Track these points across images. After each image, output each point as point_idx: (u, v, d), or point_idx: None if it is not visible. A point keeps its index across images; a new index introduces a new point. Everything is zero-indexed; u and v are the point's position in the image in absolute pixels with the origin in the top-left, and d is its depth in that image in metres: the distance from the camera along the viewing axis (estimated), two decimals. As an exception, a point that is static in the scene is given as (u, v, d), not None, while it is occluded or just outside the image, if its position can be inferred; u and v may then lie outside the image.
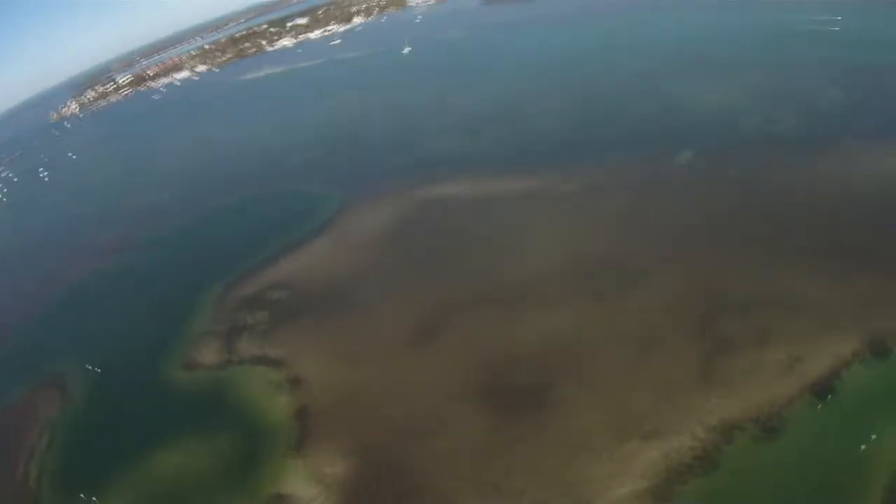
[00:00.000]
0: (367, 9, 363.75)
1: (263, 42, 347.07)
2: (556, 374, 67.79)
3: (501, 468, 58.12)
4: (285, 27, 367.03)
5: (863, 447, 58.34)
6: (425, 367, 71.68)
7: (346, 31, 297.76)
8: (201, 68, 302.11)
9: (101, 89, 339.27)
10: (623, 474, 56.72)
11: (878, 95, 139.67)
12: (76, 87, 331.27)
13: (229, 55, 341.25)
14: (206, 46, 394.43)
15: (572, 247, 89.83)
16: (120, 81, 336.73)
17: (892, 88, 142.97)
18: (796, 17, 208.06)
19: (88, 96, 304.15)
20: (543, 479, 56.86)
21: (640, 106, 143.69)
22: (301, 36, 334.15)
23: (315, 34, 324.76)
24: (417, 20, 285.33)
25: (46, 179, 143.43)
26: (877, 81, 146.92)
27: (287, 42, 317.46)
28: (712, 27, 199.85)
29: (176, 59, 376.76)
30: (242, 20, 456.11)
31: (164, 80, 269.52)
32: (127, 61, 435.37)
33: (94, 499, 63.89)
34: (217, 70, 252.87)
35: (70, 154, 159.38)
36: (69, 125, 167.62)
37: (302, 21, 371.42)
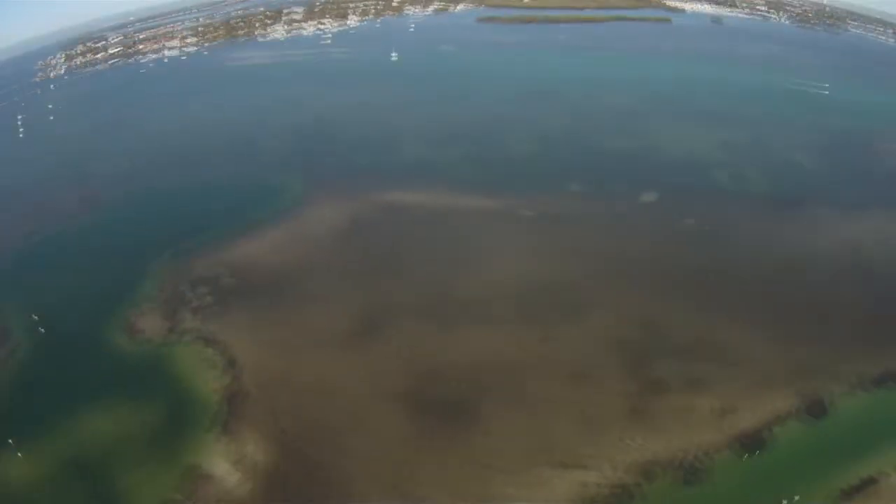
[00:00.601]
0: (363, 9, 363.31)
1: (256, 28, 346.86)
2: (482, 391, 67.45)
3: (409, 474, 57.86)
4: (281, 15, 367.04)
5: (796, 498, 58.51)
6: (356, 366, 71.37)
7: (338, 29, 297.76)
8: (191, 45, 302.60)
9: (91, 45, 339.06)
10: (527, 499, 56.29)
11: (851, 164, 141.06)
12: (67, 43, 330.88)
13: (220, 34, 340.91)
14: (200, 21, 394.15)
15: (521, 271, 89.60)
16: (111, 40, 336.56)
17: (866, 159, 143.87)
18: (788, 77, 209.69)
19: (77, 59, 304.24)
20: (447, 491, 56.57)
21: (614, 142, 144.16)
22: (294, 28, 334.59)
23: (308, 28, 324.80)
24: (411, 28, 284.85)
25: (21, 135, 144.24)
26: (853, 150, 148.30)
27: (279, 33, 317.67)
28: (704, 78, 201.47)
29: (169, 29, 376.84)
30: (240, 1, 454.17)
31: (153, 55, 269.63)
32: (122, 20, 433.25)
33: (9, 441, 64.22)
34: (206, 52, 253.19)
35: (49, 115, 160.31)
36: (53, 86, 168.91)
37: (298, 11, 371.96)
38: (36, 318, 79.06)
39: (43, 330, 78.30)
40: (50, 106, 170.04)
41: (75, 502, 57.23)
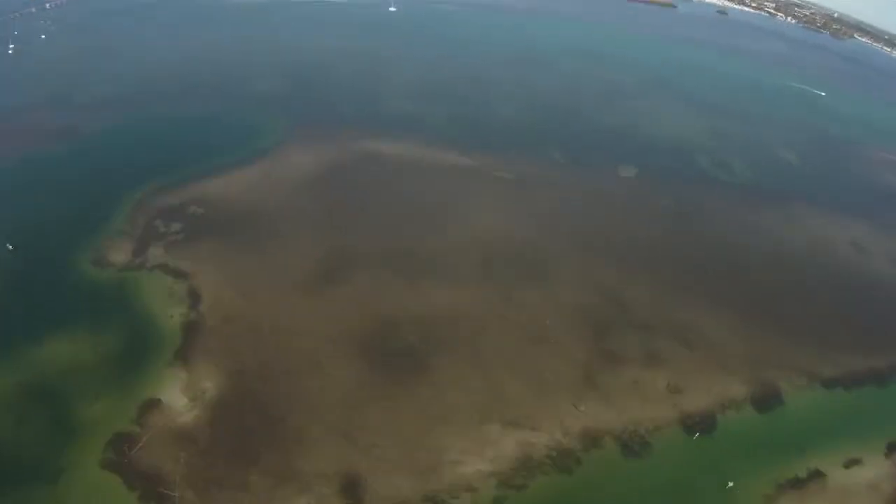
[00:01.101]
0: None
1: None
2: (440, 345, 67.77)
3: (359, 420, 58.08)
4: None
5: (730, 484, 59.75)
6: (318, 309, 71.35)
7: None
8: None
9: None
10: (474, 453, 56.98)
11: (835, 167, 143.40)
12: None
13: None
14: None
15: (491, 231, 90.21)
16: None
17: (850, 164, 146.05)
18: (787, 76, 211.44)
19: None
20: (396, 440, 56.93)
21: (604, 116, 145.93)
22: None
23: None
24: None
25: (10, 53, 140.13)
26: (839, 154, 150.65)
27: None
28: (701, 66, 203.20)
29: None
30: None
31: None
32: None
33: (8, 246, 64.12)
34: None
35: (42, 35, 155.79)
36: (49, 6, 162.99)
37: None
38: (10, 247, 77.60)
39: (11, 247, 76.81)
40: (43, 23, 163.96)
41: (33, 430, 56.18)
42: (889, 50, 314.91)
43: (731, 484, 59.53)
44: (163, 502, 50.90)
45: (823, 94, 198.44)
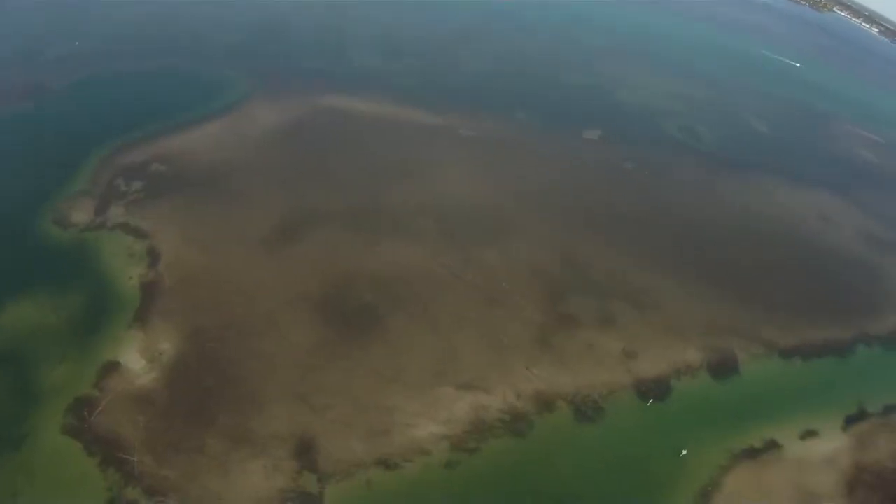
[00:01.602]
0: None
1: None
2: (396, 305, 68.42)
3: (315, 381, 58.80)
4: None
5: (683, 452, 60.88)
6: (276, 268, 71.68)
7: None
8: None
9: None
10: (428, 416, 57.76)
11: (803, 138, 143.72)
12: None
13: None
14: None
15: (452, 190, 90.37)
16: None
17: (819, 136, 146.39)
18: (762, 45, 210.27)
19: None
20: (350, 402, 57.72)
21: (573, 78, 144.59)
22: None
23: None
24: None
25: None
26: (808, 125, 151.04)
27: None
28: (679, 34, 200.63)
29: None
30: None
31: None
32: None
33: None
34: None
35: None
36: None
37: None
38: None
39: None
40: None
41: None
42: (868, 26, 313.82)
43: (684, 452, 60.60)
44: (122, 467, 51.29)
45: (798, 65, 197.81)
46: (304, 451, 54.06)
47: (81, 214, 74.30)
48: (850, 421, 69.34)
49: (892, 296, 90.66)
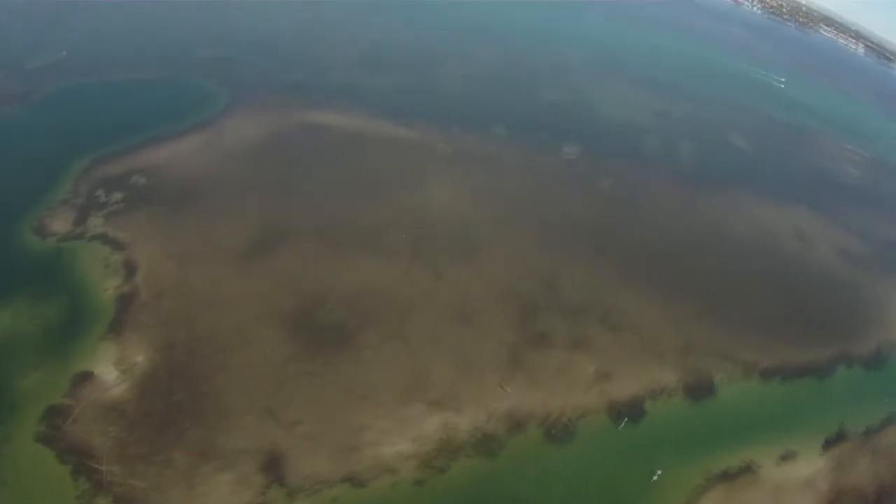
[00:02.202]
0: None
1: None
2: (367, 321, 68.73)
3: (284, 397, 59.06)
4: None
5: (657, 474, 60.66)
6: (250, 282, 72.10)
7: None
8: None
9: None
10: (397, 434, 58.02)
11: (787, 154, 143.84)
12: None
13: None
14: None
15: (426, 206, 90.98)
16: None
17: (800, 154, 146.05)
18: (746, 63, 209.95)
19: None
20: (319, 418, 57.99)
21: (553, 95, 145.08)
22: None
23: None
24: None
25: None
26: (791, 143, 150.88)
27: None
28: (656, 47, 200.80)
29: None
30: None
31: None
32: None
33: None
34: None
35: None
36: None
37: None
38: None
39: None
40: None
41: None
42: (854, 44, 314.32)
43: (657, 474, 60.44)
44: (92, 476, 51.75)
45: (783, 82, 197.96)
46: (272, 467, 54.35)
47: (61, 224, 74.92)
48: (829, 443, 69.63)
49: (872, 315, 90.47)
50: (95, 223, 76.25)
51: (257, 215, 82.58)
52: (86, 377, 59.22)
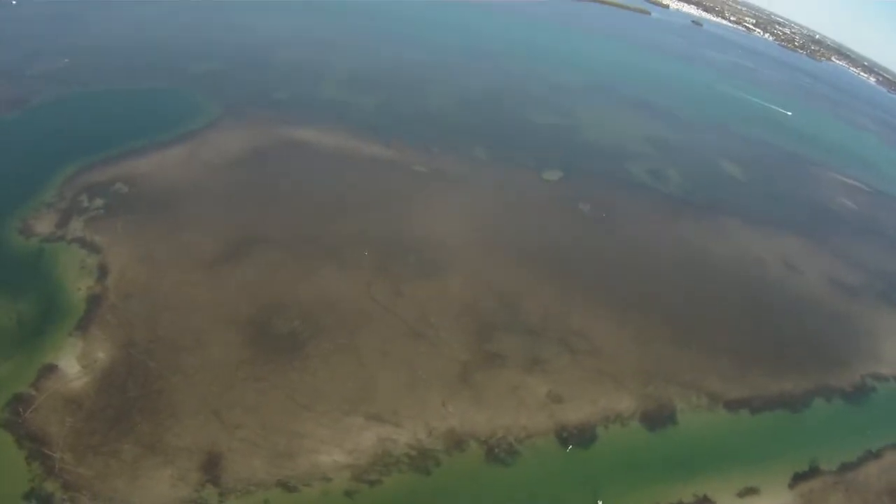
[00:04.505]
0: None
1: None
2: (321, 333, 71.11)
3: (231, 400, 61.86)
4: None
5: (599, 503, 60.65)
6: (213, 289, 75.45)
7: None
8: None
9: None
10: (334, 444, 60.10)
11: (784, 184, 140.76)
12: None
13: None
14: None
15: (394, 223, 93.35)
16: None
17: (801, 181, 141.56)
18: (753, 93, 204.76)
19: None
20: (261, 423, 60.56)
21: (538, 116, 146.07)
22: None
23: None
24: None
25: None
26: (792, 171, 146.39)
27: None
28: (663, 73, 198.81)
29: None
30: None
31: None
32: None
33: None
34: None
35: (13, 1, 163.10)
36: None
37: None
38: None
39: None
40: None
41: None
42: (866, 76, 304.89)
43: (599, 503, 60.24)
44: (45, 462, 55.50)
45: (790, 113, 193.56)
46: (210, 466, 57.13)
47: (44, 226, 79.99)
48: (798, 479, 68.77)
49: (858, 347, 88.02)
50: (76, 226, 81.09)
51: (229, 225, 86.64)
52: (51, 369, 63.18)
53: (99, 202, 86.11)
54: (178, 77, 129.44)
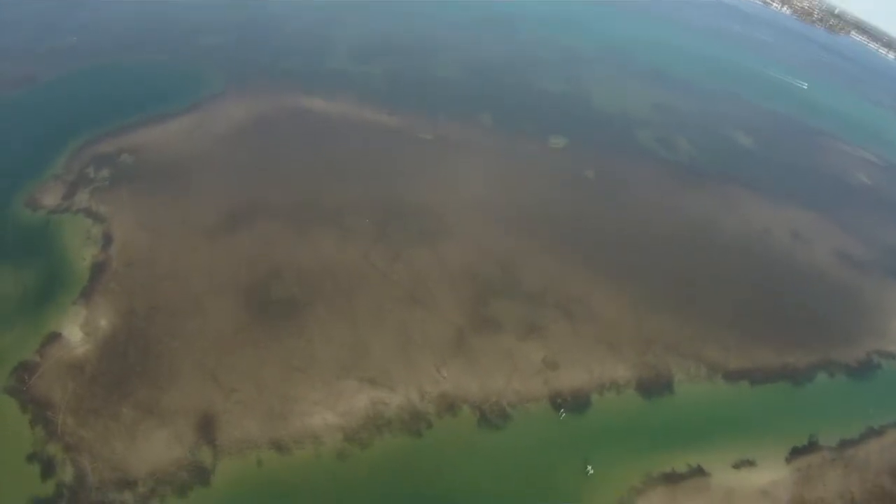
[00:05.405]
0: None
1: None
2: (317, 297, 72.09)
3: (227, 364, 63.25)
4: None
5: (589, 470, 61.07)
6: (213, 256, 76.71)
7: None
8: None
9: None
10: (326, 406, 61.14)
11: (797, 155, 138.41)
12: None
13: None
14: None
15: (395, 189, 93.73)
16: None
17: (815, 154, 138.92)
18: (770, 65, 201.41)
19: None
20: (256, 386, 61.84)
21: (548, 84, 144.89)
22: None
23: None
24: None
25: None
26: (805, 143, 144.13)
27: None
28: (681, 48, 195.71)
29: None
30: None
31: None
32: None
33: None
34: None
35: None
36: None
37: None
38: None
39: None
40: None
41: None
42: (885, 51, 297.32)
43: (590, 469, 60.80)
44: (48, 425, 57.53)
45: (805, 86, 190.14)
46: (205, 428, 58.70)
47: (51, 198, 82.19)
48: (796, 453, 67.85)
49: (866, 322, 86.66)
50: (82, 198, 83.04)
51: (231, 193, 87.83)
52: (55, 337, 65.09)
53: (105, 173, 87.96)
54: (186, 50, 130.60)
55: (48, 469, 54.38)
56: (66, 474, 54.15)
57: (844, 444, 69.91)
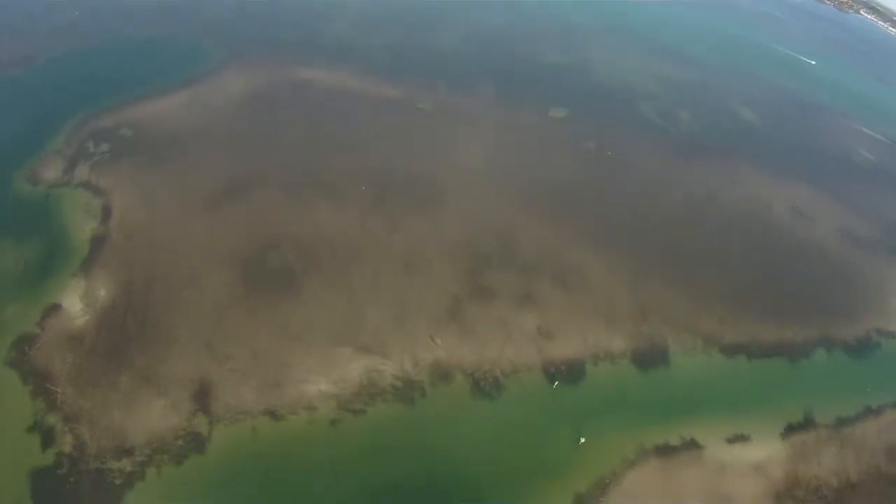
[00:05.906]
0: None
1: None
2: (313, 266, 72.86)
3: (224, 333, 64.13)
4: None
5: (582, 440, 61.39)
6: (211, 227, 77.59)
7: None
8: None
9: None
10: (321, 374, 61.87)
11: (801, 131, 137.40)
12: None
13: None
14: None
15: (392, 160, 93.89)
16: None
17: (820, 130, 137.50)
18: (778, 41, 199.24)
19: None
20: (250, 354, 62.72)
21: (550, 55, 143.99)
22: None
23: None
24: None
25: None
26: (811, 119, 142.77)
27: None
28: (685, 22, 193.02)
29: None
30: None
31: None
32: None
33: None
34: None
35: None
36: None
37: None
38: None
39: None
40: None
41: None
42: (894, 30, 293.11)
43: (582, 440, 61.07)
44: (48, 397, 58.62)
45: (813, 62, 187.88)
46: (201, 396, 59.62)
47: (51, 173, 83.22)
48: (791, 429, 67.58)
49: (867, 299, 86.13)
50: (82, 172, 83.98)
51: (229, 165, 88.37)
52: (55, 309, 66.07)
53: (104, 147, 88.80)
54: (186, 25, 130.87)
55: (48, 439, 55.41)
56: (66, 444, 55.17)
57: (841, 423, 69.49)
